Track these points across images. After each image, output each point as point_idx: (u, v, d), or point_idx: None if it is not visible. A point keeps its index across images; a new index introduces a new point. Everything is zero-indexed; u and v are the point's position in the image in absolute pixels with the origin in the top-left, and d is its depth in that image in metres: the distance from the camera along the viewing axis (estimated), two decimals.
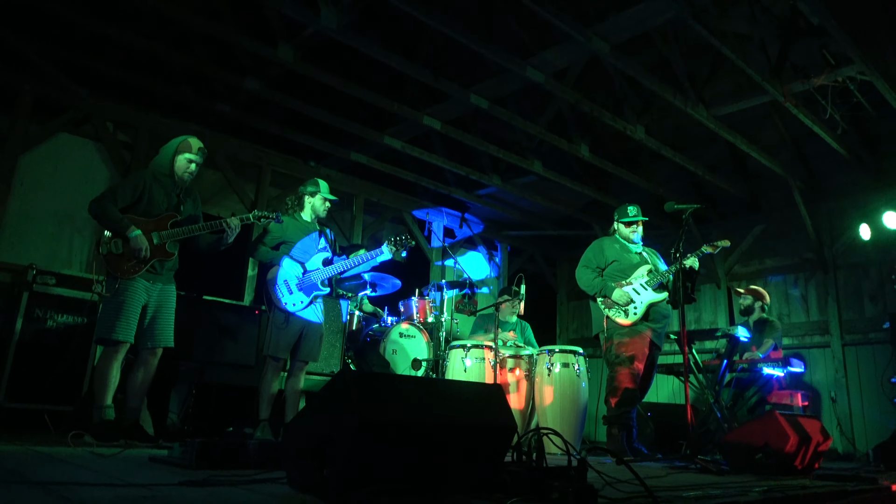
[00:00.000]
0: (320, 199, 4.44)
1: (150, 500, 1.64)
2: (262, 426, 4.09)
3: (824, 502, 2.45)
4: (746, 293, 6.15)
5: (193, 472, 2.21)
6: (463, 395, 2.15)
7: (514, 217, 8.87)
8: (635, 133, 6.38)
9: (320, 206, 4.44)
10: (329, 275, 4.25)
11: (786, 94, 5.50)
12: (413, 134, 6.72)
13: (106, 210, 3.60)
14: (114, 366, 3.56)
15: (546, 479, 1.90)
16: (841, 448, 6.61)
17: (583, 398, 5.04)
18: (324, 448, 1.85)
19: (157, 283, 3.73)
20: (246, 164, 6.84)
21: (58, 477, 1.99)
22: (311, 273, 4.21)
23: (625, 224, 4.85)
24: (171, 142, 3.91)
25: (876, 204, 6.69)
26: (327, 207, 4.48)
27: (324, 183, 4.51)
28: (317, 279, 4.21)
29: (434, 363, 5.45)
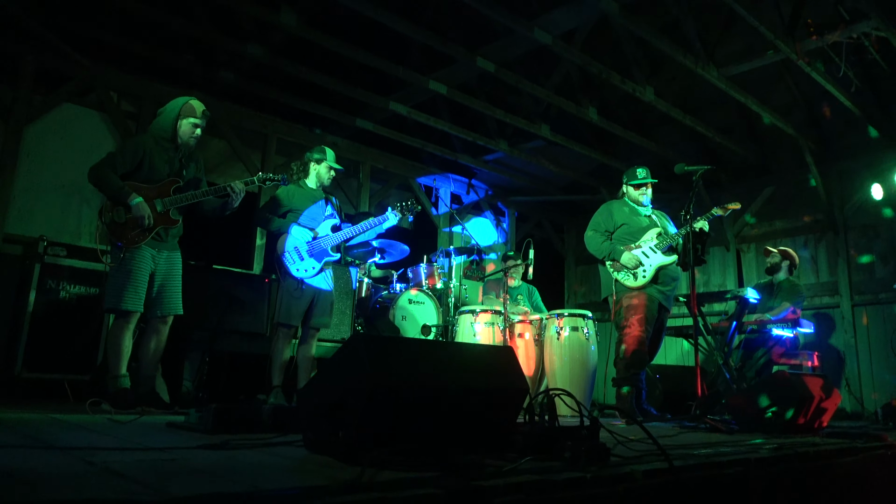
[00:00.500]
0: (325, 167, 4.41)
1: (170, 462, 1.67)
2: (274, 392, 4.15)
3: (834, 459, 2.47)
4: (777, 252, 6.09)
5: (210, 437, 2.24)
6: (474, 358, 2.16)
7: (522, 182, 8.81)
8: (644, 95, 6.29)
9: (325, 174, 4.42)
10: (338, 241, 4.26)
11: (799, 52, 5.38)
12: (419, 99, 6.65)
13: (105, 177, 3.53)
14: (126, 335, 3.59)
15: (558, 438, 1.92)
16: (849, 407, 6.65)
17: (592, 361, 5.07)
18: (338, 411, 1.88)
19: (163, 250, 3.70)
20: (251, 133, 6.80)
21: (78, 442, 2.03)
22: (321, 239, 4.23)
23: (634, 186, 4.81)
24: (171, 104, 3.80)
25: (888, 163, 6.60)
26: (332, 176, 4.45)
27: (330, 151, 4.48)
28: (326, 245, 4.22)
29: (443, 329, 5.49)
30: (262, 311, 5.00)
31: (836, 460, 2.48)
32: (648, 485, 1.76)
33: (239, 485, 1.40)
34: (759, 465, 2.12)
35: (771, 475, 2.15)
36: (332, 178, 4.46)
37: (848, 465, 2.55)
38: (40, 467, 1.51)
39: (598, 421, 2.01)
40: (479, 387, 2.05)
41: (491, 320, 5.15)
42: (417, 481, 1.44)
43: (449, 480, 1.45)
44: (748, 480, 2.05)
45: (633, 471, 1.76)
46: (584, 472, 1.68)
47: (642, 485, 1.74)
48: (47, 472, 1.43)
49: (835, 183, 7.32)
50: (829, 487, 2.39)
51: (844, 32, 5.22)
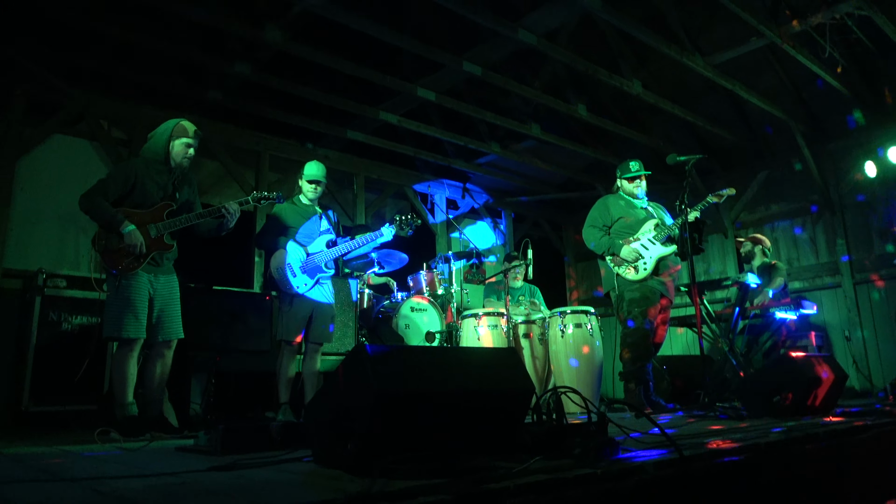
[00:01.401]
0: (304, 182, 4.41)
1: (181, 486, 1.66)
2: (283, 409, 4.14)
3: (844, 437, 2.47)
4: (747, 240, 6.16)
5: (220, 458, 2.24)
6: (478, 362, 2.16)
7: (516, 183, 8.83)
8: (632, 88, 6.30)
9: (307, 188, 4.41)
10: (333, 256, 4.26)
11: (783, 36, 5.40)
12: (408, 107, 6.66)
13: (97, 205, 3.49)
14: (130, 363, 3.56)
15: (567, 436, 1.92)
16: (858, 385, 6.64)
17: (598, 357, 5.06)
18: (345, 423, 1.87)
19: (160, 275, 3.68)
20: (244, 151, 6.81)
21: (88, 472, 2.02)
22: (315, 255, 4.23)
23: (628, 180, 4.81)
24: (162, 126, 3.79)
25: (880, 140, 6.62)
26: (315, 189, 4.40)
27: (309, 165, 4.45)
28: (320, 261, 4.22)
29: (447, 334, 5.48)
30: (265, 329, 4.99)
31: (847, 439, 2.48)
32: (659, 476, 1.75)
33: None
34: (769, 449, 2.12)
35: (782, 458, 2.14)
36: (318, 192, 4.42)
37: (859, 443, 2.55)
38: (51, 500, 1.50)
39: (605, 416, 2.01)
40: (485, 390, 2.05)
41: (494, 323, 5.14)
42: (428, 488, 1.44)
43: (459, 485, 1.45)
44: (759, 465, 2.05)
45: (644, 463, 1.76)
46: (595, 467, 1.68)
47: (653, 476, 1.74)
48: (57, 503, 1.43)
49: (828, 163, 7.33)
50: (841, 466, 2.39)
51: (827, 13, 5.23)
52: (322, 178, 4.42)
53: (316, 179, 4.39)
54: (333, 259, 4.28)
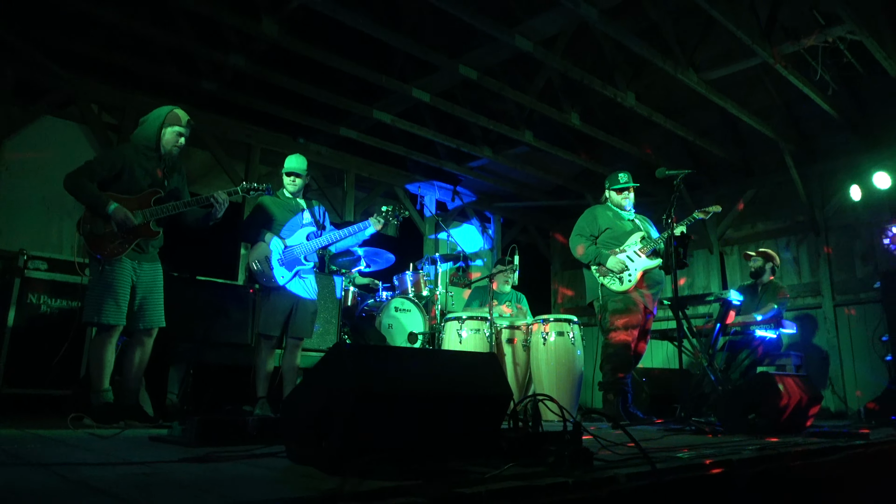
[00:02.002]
0: (283, 174, 4.40)
1: (151, 476, 1.65)
2: (260, 403, 4.12)
3: (816, 458, 2.49)
4: (757, 255, 6.16)
5: (194, 450, 2.22)
6: (458, 365, 2.17)
7: (507, 188, 8.85)
8: (626, 100, 6.34)
9: (286, 181, 4.39)
10: (313, 248, 4.23)
11: (776, 56, 5.46)
12: (403, 107, 6.67)
13: (82, 185, 3.46)
14: (108, 349, 3.54)
15: (542, 443, 1.93)
16: (833, 407, 6.72)
17: (578, 366, 5.08)
18: (322, 420, 1.87)
19: (144, 262, 3.65)
20: (235, 143, 6.78)
21: (57, 458, 2.00)
22: (293, 248, 4.20)
23: (616, 191, 4.84)
24: (154, 113, 3.76)
25: (866, 165, 6.70)
26: (294, 181, 4.37)
27: (290, 158, 4.43)
28: (299, 254, 4.19)
29: (430, 336, 5.48)
30: (246, 322, 4.96)
31: (819, 459, 2.51)
32: (632, 488, 1.76)
33: (220, 498, 1.39)
34: (741, 465, 2.14)
35: (754, 475, 2.16)
36: (298, 184, 4.38)
37: (830, 464, 2.58)
38: (17, 484, 1.49)
39: (580, 425, 2.01)
40: (464, 393, 2.05)
41: (477, 327, 5.15)
42: (401, 490, 1.44)
43: (432, 488, 1.45)
44: (731, 481, 2.07)
45: (617, 474, 1.77)
46: (567, 476, 1.68)
47: (625, 488, 1.74)
48: (24, 489, 1.42)
49: (815, 184, 7.42)
50: (812, 486, 2.41)
51: (820, 36, 5.30)
52: (300, 172, 4.38)
53: (294, 172, 4.36)
54: (315, 252, 4.24)
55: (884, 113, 6.71)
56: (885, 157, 6.55)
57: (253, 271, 4.16)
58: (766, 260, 6.08)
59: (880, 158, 6.59)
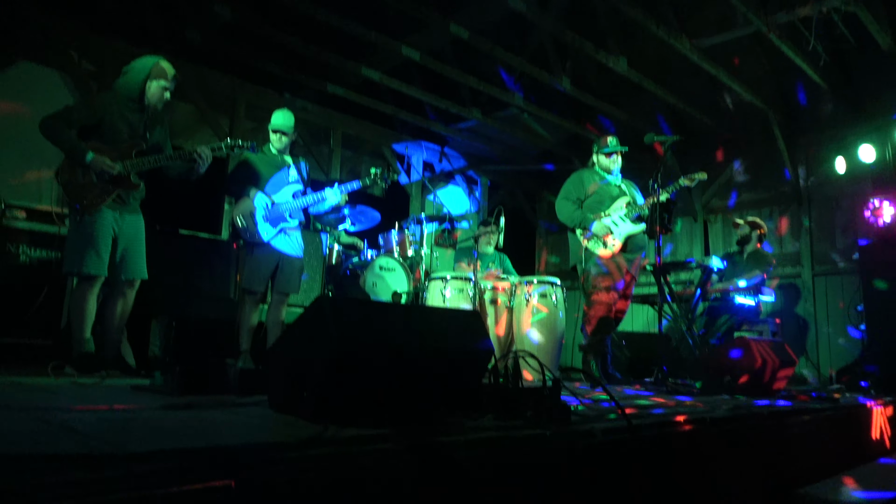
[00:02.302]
0: (270, 130, 4.33)
1: (132, 422, 1.66)
2: (243, 356, 4.13)
3: (788, 418, 2.56)
4: (745, 223, 6.21)
5: (176, 398, 2.23)
6: (440, 320, 2.18)
7: (495, 151, 8.80)
8: (617, 65, 6.28)
9: (273, 138, 4.32)
10: (299, 207, 4.20)
11: (770, 25, 5.42)
12: (391, 65, 6.56)
13: (58, 130, 3.38)
14: (89, 299, 3.51)
15: (521, 398, 1.96)
16: (807, 373, 6.88)
17: (560, 327, 5.13)
18: (303, 371, 1.88)
19: (125, 214, 3.59)
20: (219, 96, 6.64)
21: (37, 404, 2.00)
22: (279, 205, 4.17)
23: (605, 155, 4.83)
24: (138, 63, 3.65)
25: (852, 138, 6.73)
26: (280, 139, 4.30)
27: (278, 113, 4.34)
28: (284, 211, 4.16)
29: (414, 295, 5.50)
30: (229, 277, 4.95)
31: (789, 420, 2.58)
32: (607, 441, 1.81)
33: (201, 441, 1.40)
34: (714, 423, 2.19)
35: (726, 433, 2.22)
36: (284, 142, 4.32)
37: (802, 424, 2.65)
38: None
39: (559, 381, 2.04)
40: (445, 348, 2.07)
41: (461, 287, 5.17)
42: (380, 437, 1.46)
43: (411, 436, 1.48)
44: (705, 438, 2.12)
45: (593, 428, 1.81)
46: (545, 429, 1.72)
47: (601, 441, 1.79)
48: (3, 430, 1.42)
49: (801, 155, 7.46)
50: (781, 445, 2.48)
51: (815, 6, 5.26)
52: (287, 129, 4.31)
53: (280, 129, 4.29)
54: (301, 209, 4.23)
55: (872, 86, 6.71)
56: (870, 130, 6.58)
57: (237, 227, 4.14)
58: (752, 228, 6.14)
59: (866, 131, 6.62)
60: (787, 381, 3.89)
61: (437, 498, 1.39)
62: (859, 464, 2.90)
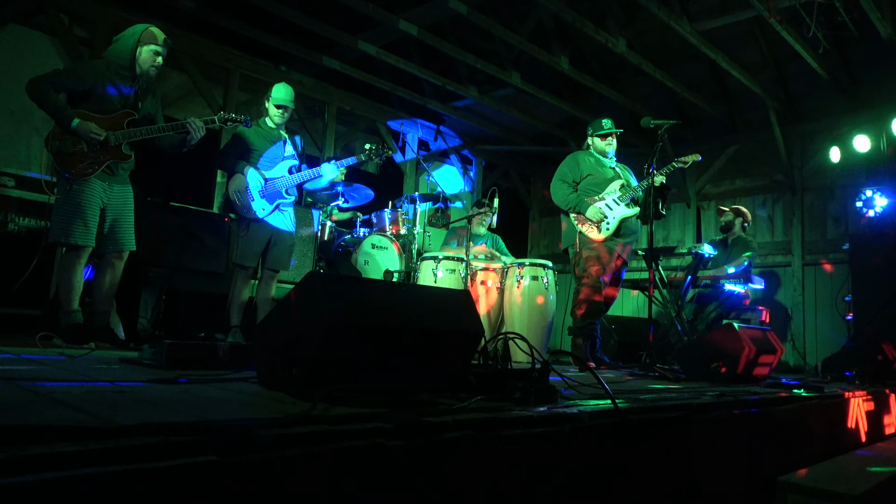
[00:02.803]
0: (271, 105, 4.26)
1: (119, 394, 1.65)
2: (233, 332, 4.13)
3: (773, 406, 2.59)
4: (730, 210, 6.25)
5: (164, 372, 2.23)
6: (431, 300, 2.17)
7: (491, 131, 8.74)
8: (617, 46, 6.23)
9: (273, 112, 4.26)
10: (294, 183, 4.18)
11: (771, 10, 5.38)
12: (389, 39, 6.47)
13: (45, 93, 3.31)
14: (76, 270, 3.48)
15: (510, 379, 1.96)
16: (792, 361, 6.96)
17: (550, 310, 5.16)
18: (293, 348, 1.87)
19: (114, 184, 3.56)
20: (213, 67, 6.55)
21: (25, 374, 1.99)
22: (275, 181, 4.14)
23: (600, 137, 4.80)
24: (128, 31, 3.59)
25: (848, 127, 6.73)
26: (282, 115, 4.26)
27: (278, 87, 4.28)
28: (280, 187, 4.14)
29: (406, 275, 5.49)
30: (220, 251, 4.92)
31: (774, 408, 2.60)
32: (594, 424, 1.82)
33: (188, 416, 1.39)
34: (700, 409, 2.21)
35: (711, 420, 2.24)
36: (286, 117, 4.28)
37: (785, 413, 2.68)
38: None
39: (548, 363, 2.05)
40: (435, 328, 2.07)
41: (453, 267, 5.17)
42: (368, 416, 1.46)
43: (399, 415, 1.48)
44: (690, 423, 2.14)
45: (580, 411, 1.82)
46: (532, 411, 1.72)
47: (588, 424, 1.80)
48: None
49: (796, 144, 7.46)
50: (766, 433, 2.51)
51: None
52: (290, 104, 4.28)
53: (283, 105, 4.24)
54: (295, 185, 4.20)
55: (871, 76, 6.71)
56: (867, 121, 6.58)
57: (233, 202, 4.10)
58: (736, 215, 6.18)
59: (862, 121, 6.62)
60: (773, 368, 3.93)
61: (424, 478, 1.40)
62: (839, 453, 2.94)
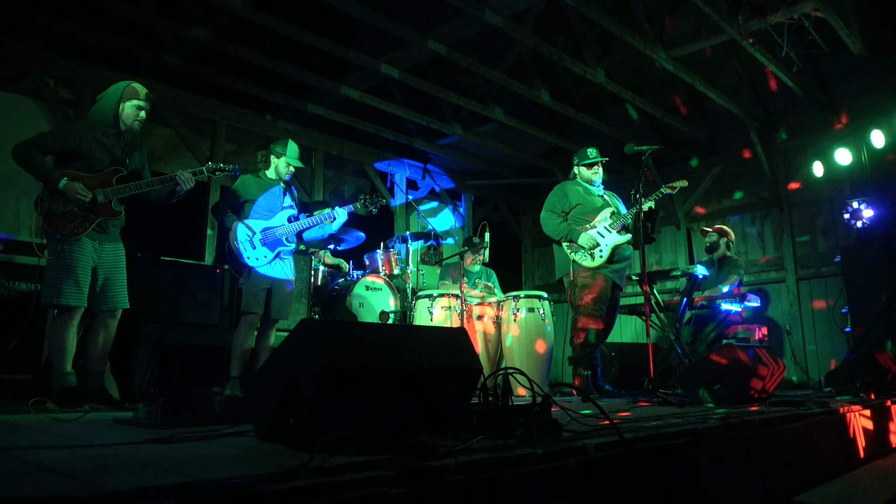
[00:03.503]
0: (284, 162, 4.36)
1: (113, 458, 1.61)
2: (231, 383, 4.07)
3: (779, 425, 2.56)
4: (713, 231, 6.29)
5: (159, 431, 2.18)
6: (427, 340, 2.15)
7: (477, 166, 8.82)
8: (595, 77, 6.34)
9: (284, 169, 4.37)
10: (294, 231, 4.22)
11: (743, 33, 5.50)
12: (371, 83, 6.56)
13: (31, 157, 3.34)
14: (69, 331, 3.44)
15: (512, 416, 1.93)
16: (796, 377, 6.91)
17: (549, 341, 5.12)
18: (289, 397, 1.84)
19: (105, 242, 3.55)
20: (199, 119, 6.61)
21: (15, 442, 1.95)
22: (276, 229, 4.18)
23: (586, 166, 4.85)
24: (111, 88, 3.64)
25: (828, 141, 6.83)
26: (291, 172, 4.40)
27: (293, 146, 4.40)
28: (281, 235, 4.19)
29: (401, 314, 5.47)
30: (214, 302, 4.88)
31: (781, 427, 2.57)
32: (600, 457, 1.78)
33: (183, 476, 1.36)
34: (706, 434, 2.18)
35: (718, 443, 2.21)
36: (292, 171, 4.41)
37: (793, 431, 2.64)
38: None
39: (549, 397, 2.02)
40: (433, 368, 2.04)
41: (448, 304, 5.15)
42: (368, 464, 1.42)
43: (400, 461, 1.44)
44: (697, 449, 2.11)
45: (585, 444, 1.78)
46: (536, 447, 1.69)
47: (594, 457, 1.76)
48: None
49: (779, 161, 7.55)
50: (775, 453, 2.47)
51: (786, 13, 5.35)
52: (299, 161, 4.41)
53: (295, 161, 4.36)
54: (295, 233, 4.24)
55: (846, 90, 6.83)
56: (846, 134, 6.68)
57: (234, 253, 4.11)
58: (720, 235, 6.22)
59: (842, 135, 6.72)
60: (777, 386, 3.89)
61: None
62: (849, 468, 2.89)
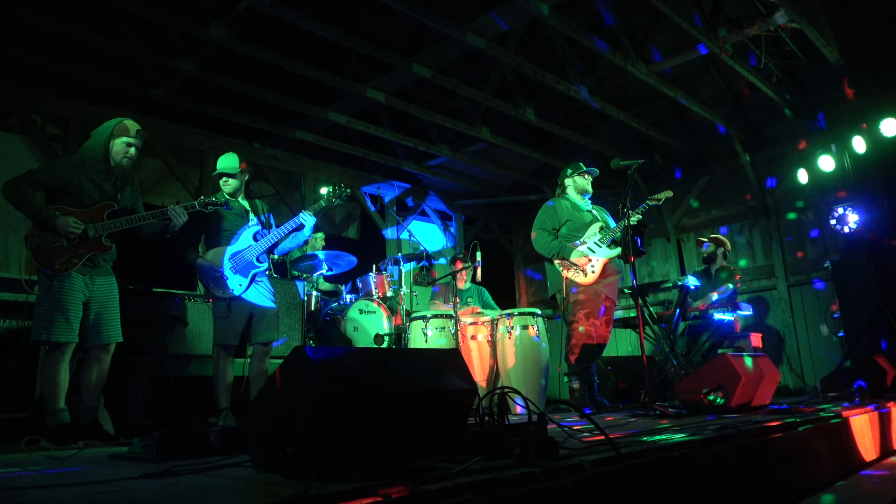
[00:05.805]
0: (218, 179, 4.15)
1: (108, 495, 1.60)
2: (224, 414, 4.01)
3: (776, 433, 2.56)
4: (709, 241, 6.32)
5: (155, 465, 2.16)
6: (421, 362, 2.16)
7: (466, 186, 8.87)
8: (579, 94, 6.42)
9: (220, 183, 4.15)
10: (262, 248, 4.02)
11: (721, 46, 5.60)
12: (358, 107, 6.62)
13: (22, 194, 3.33)
14: (60, 368, 3.40)
15: (508, 435, 1.93)
16: (791, 384, 6.93)
17: (544, 358, 5.12)
18: (284, 426, 1.84)
19: (96, 276, 3.53)
20: (188, 150, 6.63)
21: (10, 483, 1.93)
22: (244, 252, 4.02)
23: (581, 175, 4.87)
24: (103, 125, 3.65)
25: (812, 148, 6.92)
26: (227, 182, 4.11)
27: (220, 158, 4.17)
28: (251, 257, 4.00)
29: (396, 337, 5.45)
30: (207, 333, 4.85)
31: (779, 434, 2.58)
32: (598, 473, 1.78)
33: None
34: (703, 445, 2.18)
35: (716, 454, 2.21)
36: (232, 184, 4.13)
37: (790, 438, 2.65)
38: None
39: (545, 415, 2.03)
40: (428, 391, 2.04)
41: (442, 325, 5.14)
42: (365, 490, 1.42)
43: (398, 487, 1.44)
44: (695, 461, 2.11)
45: (582, 461, 1.79)
46: (534, 466, 1.69)
47: (592, 473, 1.76)
48: None
49: (765, 170, 7.64)
50: (772, 461, 2.48)
51: (762, 25, 5.45)
52: (230, 170, 4.11)
53: (224, 172, 4.09)
54: (265, 252, 4.06)
55: (824, 98, 6.94)
56: (829, 141, 6.77)
57: (208, 284, 4.02)
58: (717, 245, 6.25)
59: (824, 142, 6.82)
60: (773, 394, 3.91)
61: None
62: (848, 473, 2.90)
